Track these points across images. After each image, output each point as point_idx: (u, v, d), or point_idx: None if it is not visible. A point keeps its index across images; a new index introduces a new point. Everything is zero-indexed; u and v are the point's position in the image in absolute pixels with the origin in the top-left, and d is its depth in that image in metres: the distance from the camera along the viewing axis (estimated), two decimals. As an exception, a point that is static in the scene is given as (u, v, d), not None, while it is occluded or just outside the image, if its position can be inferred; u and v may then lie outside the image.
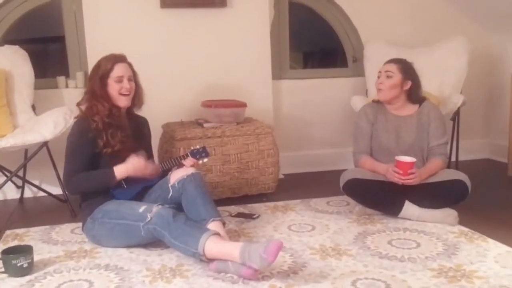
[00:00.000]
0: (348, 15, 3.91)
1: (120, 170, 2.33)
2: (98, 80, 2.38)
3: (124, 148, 2.37)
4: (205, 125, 3.16)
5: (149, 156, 2.61)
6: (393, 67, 2.74)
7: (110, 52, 2.49)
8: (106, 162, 2.36)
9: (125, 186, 2.38)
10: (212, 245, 2.01)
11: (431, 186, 2.61)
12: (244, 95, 3.41)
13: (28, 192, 3.37)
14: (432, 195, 2.60)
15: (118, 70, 2.39)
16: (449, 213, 2.58)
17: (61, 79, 3.43)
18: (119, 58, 2.42)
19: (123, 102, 2.42)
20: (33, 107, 3.20)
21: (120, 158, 2.36)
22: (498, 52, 4.08)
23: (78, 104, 2.45)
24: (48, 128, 2.82)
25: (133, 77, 2.47)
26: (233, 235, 2.49)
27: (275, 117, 3.70)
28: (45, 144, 2.93)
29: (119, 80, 2.38)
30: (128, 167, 2.34)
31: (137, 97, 2.50)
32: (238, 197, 3.13)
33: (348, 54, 4.05)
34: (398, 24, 3.94)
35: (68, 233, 2.61)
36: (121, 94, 2.40)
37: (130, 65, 2.47)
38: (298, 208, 2.95)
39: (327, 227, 2.61)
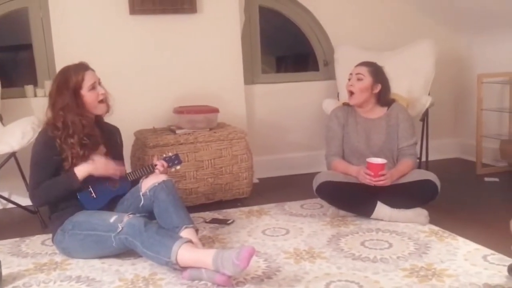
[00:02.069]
0: (318, 20, 3.95)
1: (81, 170, 2.28)
2: (71, 93, 2.29)
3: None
4: (178, 131, 3.14)
5: (121, 164, 2.57)
6: (363, 70, 2.78)
7: (78, 59, 2.43)
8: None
9: (94, 196, 2.34)
10: (185, 253, 2.00)
11: (401, 187, 2.65)
12: (217, 101, 3.41)
13: (-3, 204, 3.30)
14: (403, 195, 2.64)
15: (89, 77, 2.35)
16: (420, 213, 2.63)
17: (29, 88, 3.36)
18: (85, 66, 2.38)
19: (102, 109, 2.39)
20: (0, 117, 3.13)
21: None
22: (465, 54, 4.17)
23: (49, 124, 2.32)
24: (15, 139, 2.77)
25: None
26: (208, 241, 2.48)
27: (248, 121, 3.71)
28: (13, 154, 2.87)
29: (93, 87, 2.34)
30: (89, 166, 2.29)
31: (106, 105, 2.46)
32: (213, 203, 3.12)
33: (319, 58, 4.08)
34: (368, 28, 4.00)
35: (38, 245, 2.56)
36: (98, 101, 2.36)
37: (94, 71, 2.41)
38: (272, 212, 2.96)
39: (301, 230, 2.62)
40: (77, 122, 2.29)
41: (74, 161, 2.28)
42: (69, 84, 2.31)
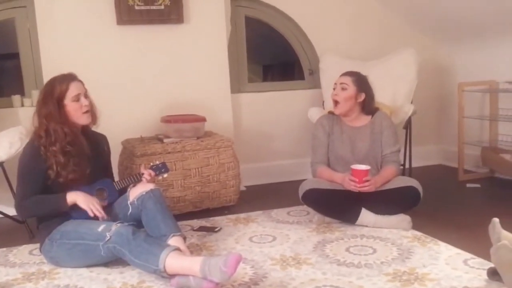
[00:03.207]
0: (303, 29, 4.01)
1: (73, 199, 2.29)
2: (54, 103, 2.32)
3: (77, 175, 2.32)
4: (165, 140, 3.17)
5: (109, 174, 2.59)
6: (347, 80, 2.84)
7: (66, 69, 2.46)
8: (59, 185, 2.32)
9: (83, 206, 2.36)
10: (173, 261, 2.02)
11: (385, 193, 2.71)
12: (204, 110, 3.45)
13: (-16, 214, 3.28)
14: (387, 201, 2.70)
15: (74, 88, 2.35)
16: (403, 219, 2.69)
17: (16, 98, 3.37)
18: (72, 77, 2.39)
19: (85, 120, 2.39)
20: (-13, 127, 3.13)
21: (75, 184, 2.32)
22: (446, 63, 4.27)
23: (35, 133, 2.34)
24: (3, 148, 2.77)
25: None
26: (195, 249, 2.51)
27: (235, 130, 3.75)
28: (0, 164, 2.86)
29: (77, 98, 2.36)
30: (80, 198, 2.28)
31: (93, 116, 2.48)
32: (200, 210, 3.15)
33: (305, 67, 4.15)
34: (352, 37, 4.07)
35: (26, 255, 2.56)
36: (82, 112, 2.37)
37: (82, 82, 2.43)
38: (259, 219, 2.99)
39: (287, 237, 2.66)
40: (59, 131, 2.30)
41: (58, 169, 2.28)
42: (54, 93, 2.33)
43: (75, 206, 2.30)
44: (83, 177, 2.36)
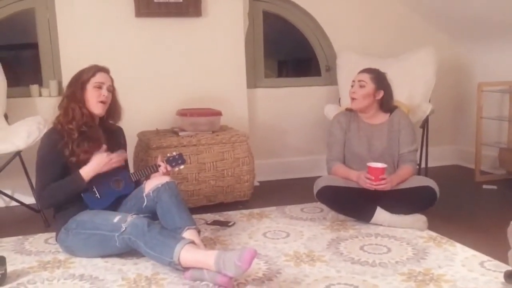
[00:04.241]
0: (321, 25, 3.98)
1: (87, 170, 2.33)
2: (78, 85, 2.40)
3: (90, 158, 2.35)
4: (181, 133, 3.17)
5: (125, 165, 2.60)
6: (366, 77, 2.82)
7: (84, 60, 2.52)
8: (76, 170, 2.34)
9: (99, 196, 2.37)
10: (187, 254, 2.02)
11: (401, 192, 2.68)
12: (220, 104, 3.44)
13: (1, 202, 3.32)
14: (402, 201, 2.67)
15: (100, 77, 2.42)
16: (419, 219, 2.66)
17: (34, 88, 3.39)
18: (103, 68, 2.46)
19: (98, 109, 2.42)
20: (6, 116, 3.16)
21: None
22: (465, 62, 4.21)
23: (59, 107, 2.44)
24: (21, 138, 2.79)
25: (112, 91, 2.48)
26: (209, 243, 2.51)
27: (250, 125, 3.74)
28: (18, 153, 2.89)
29: (99, 86, 2.39)
30: (93, 165, 2.34)
31: (113, 112, 2.51)
32: (214, 205, 3.15)
33: (321, 63, 4.12)
34: (370, 34, 4.03)
35: (41, 243, 2.58)
36: (98, 101, 2.40)
37: (112, 78, 2.49)
38: (273, 215, 2.98)
39: (301, 233, 2.65)
40: (77, 110, 2.37)
41: (72, 146, 2.32)
42: (81, 77, 2.42)
43: (91, 184, 2.34)
44: None
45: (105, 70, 2.47)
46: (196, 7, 3.47)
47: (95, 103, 2.40)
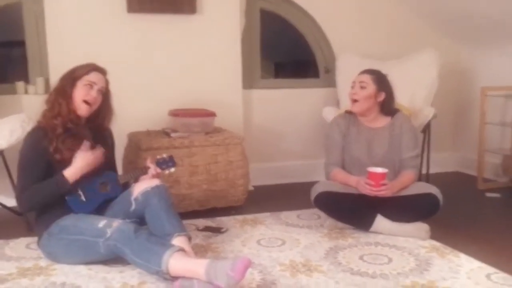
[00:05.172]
0: (320, 26, 3.89)
1: (71, 171, 2.21)
2: (70, 81, 2.29)
3: (73, 156, 2.23)
4: (173, 134, 3.06)
5: (113, 167, 2.49)
6: (367, 78, 2.71)
7: (72, 57, 2.41)
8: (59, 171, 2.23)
9: (84, 200, 2.25)
10: (176, 263, 1.91)
11: (402, 200, 2.57)
12: (214, 104, 3.33)
13: (-19, 204, 3.18)
14: (404, 208, 2.56)
15: (93, 76, 2.30)
16: (421, 227, 2.55)
17: (20, 85, 3.27)
18: (99, 69, 2.35)
19: (82, 110, 2.29)
20: (-11, 114, 3.03)
21: None
22: (468, 66, 4.13)
23: (46, 102, 2.34)
24: (3, 136, 2.66)
25: (106, 94, 2.37)
26: (200, 250, 2.39)
27: (245, 127, 3.63)
28: (0, 153, 2.76)
29: (89, 85, 2.28)
30: (77, 165, 2.22)
31: (104, 115, 2.40)
32: (206, 210, 3.03)
33: (320, 65, 4.02)
34: (370, 36, 3.95)
35: (22, 249, 2.45)
36: (84, 101, 2.28)
37: (107, 81, 2.38)
38: (267, 221, 2.86)
39: (297, 241, 2.53)
40: (64, 106, 2.26)
41: (56, 143, 2.21)
42: (74, 73, 2.31)
43: (77, 187, 2.23)
44: None
45: (101, 71, 2.36)
46: (190, 4, 3.37)
47: (79, 101, 2.28)
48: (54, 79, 2.40)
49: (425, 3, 3.91)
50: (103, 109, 2.39)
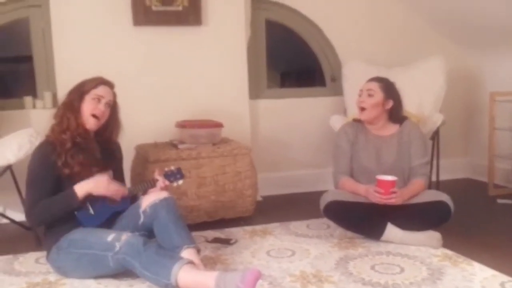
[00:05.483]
0: (326, 35, 3.89)
1: (82, 187, 2.19)
2: (78, 95, 2.29)
3: (83, 171, 2.23)
4: (180, 146, 3.05)
5: (121, 180, 2.48)
6: (374, 86, 2.70)
7: (80, 71, 2.42)
8: (69, 186, 2.21)
9: (92, 213, 2.24)
10: (186, 275, 1.89)
11: (413, 208, 2.54)
12: (221, 115, 3.32)
13: (-9, 219, 3.18)
14: (415, 216, 2.53)
15: (101, 90, 2.31)
16: (433, 236, 2.51)
17: (28, 99, 3.28)
18: (107, 82, 2.36)
19: (90, 124, 2.30)
20: (-3, 129, 3.05)
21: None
22: (476, 72, 4.09)
23: (54, 116, 2.34)
24: (12, 151, 2.66)
25: (113, 108, 2.38)
26: (209, 262, 2.37)
27: (252, 137, 3.62)
28: (8, 167, 2.76)
29: (97, 99, 2.28)
30: (89, 183, 2.20)
31: (112, 129, 2.40)
32: (215, 221, 3.01)
33: (326, 74, 4.01)
34: (377, 43, 3.93)
35: (32, 263, 2.44)
36: (92, 115, 2.28)
37: (114, 94, 2.39)
38: (277, 232, 2.84)
39: (307, 252, 2.50)
40: (73, 120, 2.26)
41: (65, 158, 2.20)
42: (82, 87, 2.32)
43: (85, 200, 2.21)
44: (89, 174, 2.24)
45: (109, 84, 2.36)
46: (196, 16, 3.37)
47: (88, 115, 2.28)
48: (62, 93, 2.41)
49: (431, 9, 3.90)
50: (111, 123, 2.39)
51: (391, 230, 2.54)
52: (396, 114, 2.73)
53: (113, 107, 2.38)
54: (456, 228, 2.70)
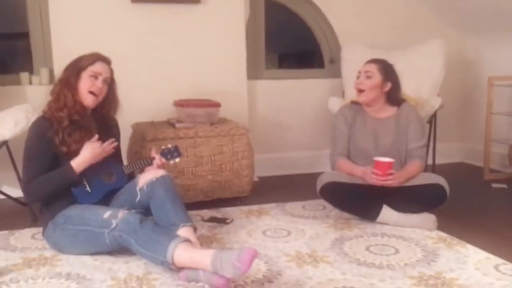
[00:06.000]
0: (326, 16, 3.85)
1: (78, 162, 2.19)
2: (74, 71, 2.26)
3: (81, 149, 2.22)
4: (177, 125, 3.04)
5: (118, 157, 2.47)
6: (373, 67, 2.68)
7: (76, 47, 2.38)
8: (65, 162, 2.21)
9: (89, 190, 2.24)
10: (182, 253, 1.90)
11: (409, 190, 2.55)
12: (219, 95, 3.30)
13: (-14, 195, 3.18)
14: (410, 199, 2.54)
15: (99, 67, 2.28)
16: (428, 218, 2.53)
17: (24, 75, 3.25)
18: (104, 58, 2.32)
19: (88, 101, 2.28)
20: (-7, 105, 3.01)
21: None
22: (475, 56, 4.08)
23: (51, 93, 2.31)
24: (8, 127, 2.65)
25: (111, 84, 2.35)
26: (205, 241, 2.38)
27: (250, 118, 3.60)
28: (4, 143, 2.75)
29: (94, 76, 2.26)
30: (85, 156, 2.20)
31: (109, 105, 2.38)
32: (211, 200, 3.02)
33: (325, 55, 3.98)
34: (376, 26, 3.90)
35: (28, 239, 2.45)
36: (90, 92, 2.26)
37: (112, 70, 2.36)
38: (273, 212, 2.85)
39: (303, 232, 2.52)
40: (70, 97, 2.23)
41: (63, 135, 2.19)
42: (79, 63, 2.28)
43: (82, 177, 2.21)
44: None
45: (106, 60, 2.33)
46: (195, -7, 3.33)
47: (85, 93, 2.26)
48: (59, 69, 2.39)
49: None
50: (108, 99, 2.37)
51: (387, 212, 2.56)
52: (394, 97, 2.72)
53: (110, 83, 2.35)
54: (451, 211, 2.72)
